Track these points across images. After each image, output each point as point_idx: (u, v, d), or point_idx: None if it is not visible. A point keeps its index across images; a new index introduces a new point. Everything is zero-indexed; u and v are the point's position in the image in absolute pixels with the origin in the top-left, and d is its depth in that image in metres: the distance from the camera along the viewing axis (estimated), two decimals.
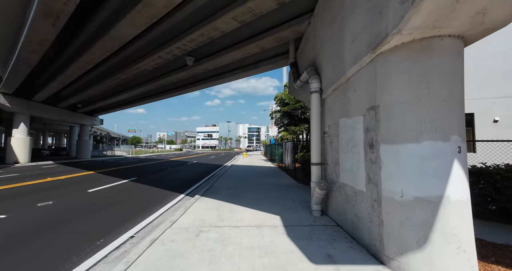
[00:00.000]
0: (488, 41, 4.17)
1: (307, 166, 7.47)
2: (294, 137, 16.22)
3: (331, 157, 4.14)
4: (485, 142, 4.37)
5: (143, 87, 12.99)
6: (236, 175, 10.56)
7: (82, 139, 24.51)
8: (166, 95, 14.84)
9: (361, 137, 2.97)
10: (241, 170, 12.81)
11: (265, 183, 8.25)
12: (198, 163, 19.56)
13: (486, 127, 7.56)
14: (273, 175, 10.39)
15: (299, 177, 9.17)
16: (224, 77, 10.47)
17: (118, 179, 9.64)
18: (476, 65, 7.31)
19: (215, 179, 9.21)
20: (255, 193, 6.53)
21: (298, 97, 6.63)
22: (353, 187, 3.20)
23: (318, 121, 4.45)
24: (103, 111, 23.36)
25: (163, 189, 7.58)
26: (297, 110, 15.88)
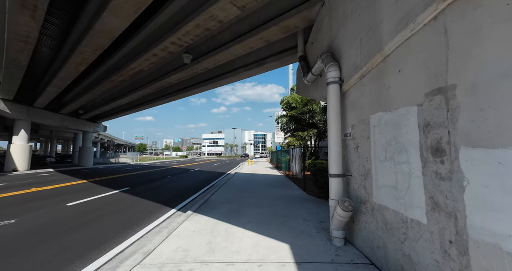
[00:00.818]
0: None
1: (320, 176, 6.41)
2: (302, 143, 15.14)
3: (357, 166, 3.11)
4: None
5: (142, 91, 12.34)
6: (238, 184, 9.54)
7: (85, 146, 24.11)
8: (167, 99, 14.14)
9: (414, 138, 1.96)
10: (244, 178, 11.78)
11: (271, 195, 7.19)
12: (200, 170, 18.64)
13: None
14: (280, 185, 9.31)
15: (309, 188, 8.06)
16: (226, 77, 9.65)
17: (109, 189, 8.78)
18: None
19: (215, 190, 8.22)
20: (259, 208, 5.48)
21: (309, 95, 5.66)
22: (399, 213, 2.16)
23: (338, 120, 3.45)
24: (106, 118, 22.98)
25: (154, 202, 6.63)
26: (304, 114, 14.86)
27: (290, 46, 7.20)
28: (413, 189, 1.97)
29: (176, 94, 12.72)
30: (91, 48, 7.38)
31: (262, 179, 11.65)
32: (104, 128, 27.37)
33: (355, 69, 3.03)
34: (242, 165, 25.70)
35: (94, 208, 5.87)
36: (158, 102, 15.01)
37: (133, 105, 17.20)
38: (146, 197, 7.33)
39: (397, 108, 2.20)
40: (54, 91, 12.96)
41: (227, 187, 8.94)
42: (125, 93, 13.58)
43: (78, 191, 8.38)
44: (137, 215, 5.31)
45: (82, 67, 9.10)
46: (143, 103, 16.03)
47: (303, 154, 8.36)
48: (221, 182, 10.48)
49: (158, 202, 6.61)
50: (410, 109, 2.02)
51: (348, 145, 3.45)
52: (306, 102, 15.43)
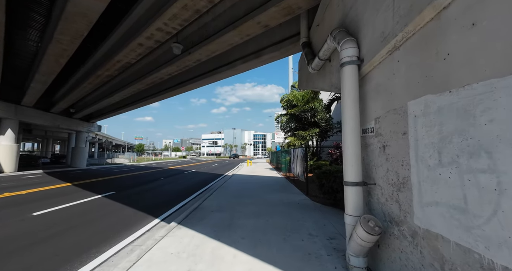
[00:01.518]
0: None
1: (326, 180, 5.61)
2: (303, 142, 14.34)
3: (385, 172, 2.31)
4: None
5: (133, 87, 11.54)
6: (235, 188, 8.73)
7: (78, 146, 23.29)
8: (161, 96, 13.32)
9: (509, 129, 1.16)
10: (242, 181, 10.97)
11: (270, 200, 6.39)
12: (196, 172, 17.83)
13: None
14: (280, 189, 8.51)
15: (313, 192, 7.27)
16: (221, 71, 8.85)
17: (92, 193, 7.97)
18: None
19: (208, 194, 7.42)
20: (256, 218, 4.68)
21: (315, 86, 4.87)
22: (473, 251, 1.35)
23: (355, 112, 2.64)
24: (99, 117, 22.17)
25: (137, 210, 5.82)
26: (306, 113, 14.06)
27: (291, 33, 6.42)
28: (507, 216, 1.17)
29: (170, 90, 11.91)
30: (68, 37, 6.58)
31: (261, 181, 10.84)
32: (99, 128, 26.57)
33: (383, 41, 2.22)
34: (240, 166, 24.90)
35: (64, 218, 5.05)
36: (152, 99, 14.20)
37: (126, 103, 16.40)
38: (130, 204, 6.52)
39: (468, 85, 1.40)
40: (40, 87, 12.15)
41: (222, 190, 8.13)
42: (115, 90, 12.78)
43: (56, 196, 7.57)
44: (111, 227, 4.50)
45: (63, 60, 8.29)
46: (136, 101, 15.22)
47: (305, 155, 7.56)
48: (216, 185, 9.68)
49: (142, 210, 5.80)
50: (500, 82, 1.21)
51: (369, 143, 2.64)
52: (308, 100, 14.65)
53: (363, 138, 2.75)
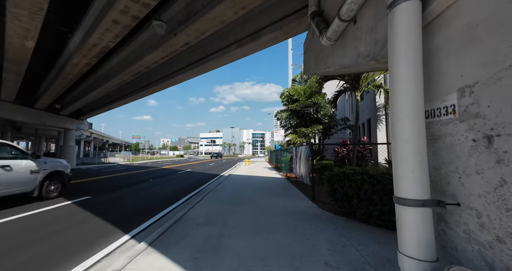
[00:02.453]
0: None
1: (340, 185, 4.53)
2: (305, 140, 13.26)
3: (494, 185, 1.22)
4: None
5: (117, 78, 10.39)
6: (230, 191, 7.65)
7: (67, 145, 22.08)
8: (150, 89, 12.14)
9: None
10: (238, 182, 9.89)
11: (270, 208, 5.31)
12: (191, 172, 16.73)
13: None
14: (281, 192, 7.44)
15: (320, 197, 6.21)
16: (214, 58, 7.73)
17: (63, 199, 6.85)
18: None
19: (198, 199, 6.33)
20: (252, 235, 3.61)
21: (330, 64, 3.77)
22: None
23: (416, 82, 1.54)
24: (89, 114, 20.94)
25: (106, 221, 4.72)
26: (308, 108, 12.97)
27: (295, 8, 5.33)
28: None
29: (160, 82, 10.76)
30: (25, 10, 5.40)
31: (259, 183, 9.76)
32: (89, 126, 25.35)
33: None
34: (238, 166, 23.83)
35: (7, 235, 3.95)
36: (141, 93, 13.02)
37: (114, 98, 15.23)
38: (103, 212, 5.42)
39: None
40: (14, 79, 10.95)
41: (215, 194, 7.05)
42: (98, 82, 11.62)
43: (19, 202, 6.44)
44: (62, 249, 3.40)
45: (29, 43, 7.12)
46: (125, 95, 14.04)
47: (311, 153, 6.48)
48: (209, 187, 8.59)
49: (113, 221, 4.70)
50: None
51: (444, 133, 1.55)
52: (310, 94, 13.55)
53: (430, 125, 1.66)
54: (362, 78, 7.23)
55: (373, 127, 8.95)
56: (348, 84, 7.79)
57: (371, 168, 4.38)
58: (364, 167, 4.67)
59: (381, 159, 7.82)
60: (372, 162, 8.14)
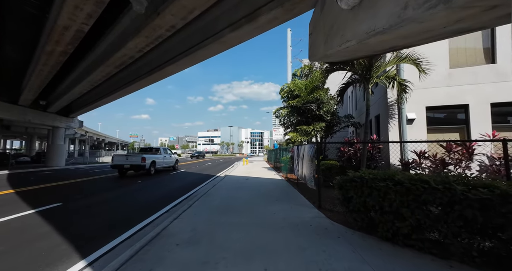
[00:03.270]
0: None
1: (355, 192, 3.65)
2: (307, 139, 12.37)
3: None
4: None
5: (100, 70, 9.42)
6: (223, 195, 6.75)
7: (55, 144, 21.02)
8: (139, 82, 11.16)
9: None
10: (234, 185, 8.99)
11: (269, 219, 4.41)
12: (185, 172, 15.79)
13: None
14: (281, 197, 6.55)
15: (327, 205, 5.37)
16: (206, 46, 6.81)
17: (28, 206, 5.92)
18: None
19: (186, 206, 5.43)
20: (246, 263, 2.71)
21: (348, 37, 2.89)
22: None
23: None
24: (78, 111, 19.88)
25: (66, 239, 3.81)
26: (310, 104, 12.06)
27: None
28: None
29: (148, 75, 9.81)
30: None
31: (257, 185, 8.87)
32: (80, 124, 24.28)
33: None
34: (236, 165, 22.93)
35: None
36: (130, 87, 12.03)
37: (102, 93, 14.24)
38: (67, 225, 4.51)
39: None
40: None
41: (206, 200, 6.15)
42: (81, 76, 10.64)
43: None
44: None
45: None
46: (113, 90, 13.06)
47: (316, 153, 5.59)
48: (202, 191, 7.68)
49: (73, 238, 3.79)
50: None
51: None
52: (312, 89, 12.66)
53: None
54: (374, 68, 6.36)
55: (383, 125, 8.08)
56: (357, 75, 6.91)
57: (396, 172, 3.50)
58: (373, 169, 3.80)
59: (393, 159, 6.95)
60: (383, 162, 7.27)
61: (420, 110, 7.06)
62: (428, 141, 4.71)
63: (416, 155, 6.39)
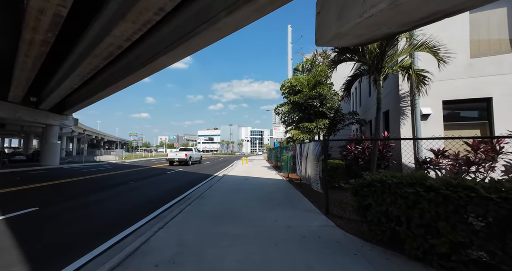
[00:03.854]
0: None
1: (374, 199, 3.00)
2: (309, 136, 11.72)
3: None
4: None
5: (87, 62, 8.75)
6: (219, 199, 6.12)
7: (48, 142, 20.38)
8: (132, 76, 10.37)
9: None
10: (232, 186, 8.36)
11: (270, 230, 3.77)
12: (181, 171, 15.17)
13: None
14: (284, 201, 5.91)
15: (335, 210, 4.74)
16: (200, 33, 6.14)
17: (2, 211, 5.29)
18: None
19: (176, 212, 4.80)
20: None
21: (374, 2, 2.26)
22: None
23: None
24: (72, 107, 19.16)
25: (27, 255, 3.18)
26: (313, 100, 11.39)
27: None
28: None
29: (139, 67, 9.09)
30: None
31: (257, 186, 8.23)
32: (75, 122, 23.63)
33: None
34: (235, 164, 22.32)
35: None
36: (121, 82, 11.24)
37: (95, 89, 13.55)
38: (35, 236, 3.89)
39: None
40: None
41: (200, 204, 5.52)
42: (69, 70, 9.97)
43: None
44: None
45: None
46: (106, 85, 12.33)
47: (323, 152, 4.94)
48: (197, 193, 7.05)
49: (32, 257, 3.15)
50: None
51: None
52: (315, 84, 11.99)
53: None
54: (386, 57, 5.69)
55: (393, 122, 7.43)
56: (366, 66, 6.25)
57: (426, 175, 2.85)
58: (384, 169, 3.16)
59: (405, 159, 6.31)
60: (394, 162, 6.63)
61: (436, 104, 6.40)
62: (453, 137, 4.06)
63: (433, 153, 5.76)
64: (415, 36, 5.89)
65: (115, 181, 10.46)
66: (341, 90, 7.48)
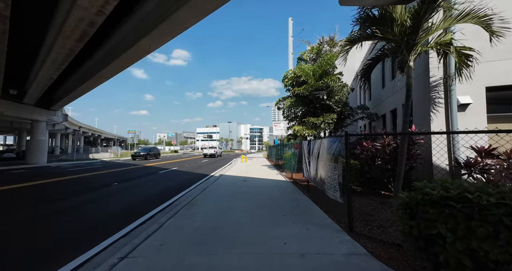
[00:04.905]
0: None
1: (449, 226, 1.84)
2: (315, 132, 10.57)
3: None
4: None
5: (60, 46, 7.51)
6: (211, 208, 4.97)
7: (35, 139, 19.16)
8: (115, 64, 9.21)
9: None
10: (229, 190, 7.22)
11: (278, 257, 2.63)
12: (175, 171, 14.03)
13: None
14: (291, 210, 4.76)
15: (360, 227, 3.62)
16: (186, 3, 4.92)
17: None
18: None
19: (153, 228, 3.66)
20: None
21: None
22: None
23: None
24: (58, 101, 17.88)
25: None
26: (320, 92, 10.21)
27: None
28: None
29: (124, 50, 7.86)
30: None
31: (258, 190, 7.10)
32: (64, 117, 22.38)
33: None
34: (234, 162, 21.19)
35: None
36: (106, 68, 9.84)
37: (80, 80, 12.32)
38: None
39: None
40: None
41: (185, 216, 4.38)
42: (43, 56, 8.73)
43: None
44: None
45: None
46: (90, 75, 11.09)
47: (346, 150, 3.77)
48: (185, 199, 5.93)
49: None
50: None
51: None
52: (321, 75, 10.80)
53: None
54: (420, 31, 4.50)
55: (419, 114, 6.27)
56: (393, 43, 5.06)
57: None
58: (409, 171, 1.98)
59: (436, 158, 5.16)
60: (423, 162, 5.49)
61: (477, 92, 5.24)
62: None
63: (475, 151, 4.63)
64: (457, 5, 4.69)
65: (98, 183, 9.31)
66: (358, 78, 6.24)
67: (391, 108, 8.76)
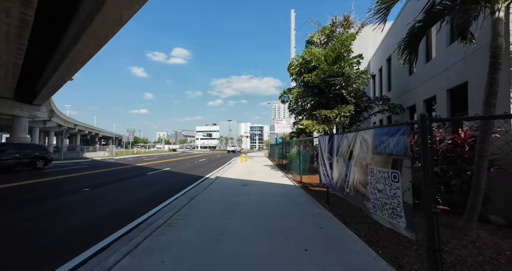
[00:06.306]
0: None
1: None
2: (327, 128, 8.89)
3: None
4: None
5: None
6: (198, 229, 3.34)
7: (16, 137, 17.52)
8: (85, 34, 7.57)
9: None
10: (224, 199, 5.58)
11: None
12: (167, 172, 12.40)
13: None
14: (312, 239, 3.12)
15: None
16: None
17: None
18: None
19: (110, 264, 2.01)
20: None
21: None
22: None
23: None
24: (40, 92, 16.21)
25: None
26: (335, 79, 8.51)
27: None
28: None
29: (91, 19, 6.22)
30: None
31: (261, 200, 5.46)
32: (50, 113, 20.74)
33: None
34: (233, 162, 19.56)
35: None
36: (80, 44, 8.22)
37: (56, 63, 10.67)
38: None
39: None
40: None
41: (154, 248, 2.74)
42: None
43: None
44: None
45: None
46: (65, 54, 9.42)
47: (423, 146, 2.11)
48: (164, 214, 4.30)
49: None
50: None
51: None
52: (335, 60, 9.14)
53: None
54: None
55: (480, 98, 4.55)
56: None
57: None
58: None
59: None
60: (501, 165, 3.83)
61: None
62: None
63: None
64: None
65: (66, 188, 7.69)
66: (400, 47, 4.49)
67: (426, 96, 7.09)
